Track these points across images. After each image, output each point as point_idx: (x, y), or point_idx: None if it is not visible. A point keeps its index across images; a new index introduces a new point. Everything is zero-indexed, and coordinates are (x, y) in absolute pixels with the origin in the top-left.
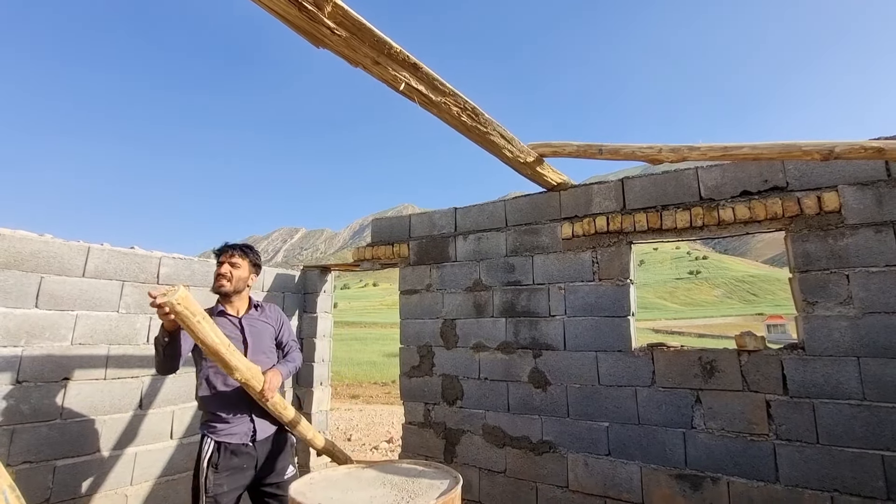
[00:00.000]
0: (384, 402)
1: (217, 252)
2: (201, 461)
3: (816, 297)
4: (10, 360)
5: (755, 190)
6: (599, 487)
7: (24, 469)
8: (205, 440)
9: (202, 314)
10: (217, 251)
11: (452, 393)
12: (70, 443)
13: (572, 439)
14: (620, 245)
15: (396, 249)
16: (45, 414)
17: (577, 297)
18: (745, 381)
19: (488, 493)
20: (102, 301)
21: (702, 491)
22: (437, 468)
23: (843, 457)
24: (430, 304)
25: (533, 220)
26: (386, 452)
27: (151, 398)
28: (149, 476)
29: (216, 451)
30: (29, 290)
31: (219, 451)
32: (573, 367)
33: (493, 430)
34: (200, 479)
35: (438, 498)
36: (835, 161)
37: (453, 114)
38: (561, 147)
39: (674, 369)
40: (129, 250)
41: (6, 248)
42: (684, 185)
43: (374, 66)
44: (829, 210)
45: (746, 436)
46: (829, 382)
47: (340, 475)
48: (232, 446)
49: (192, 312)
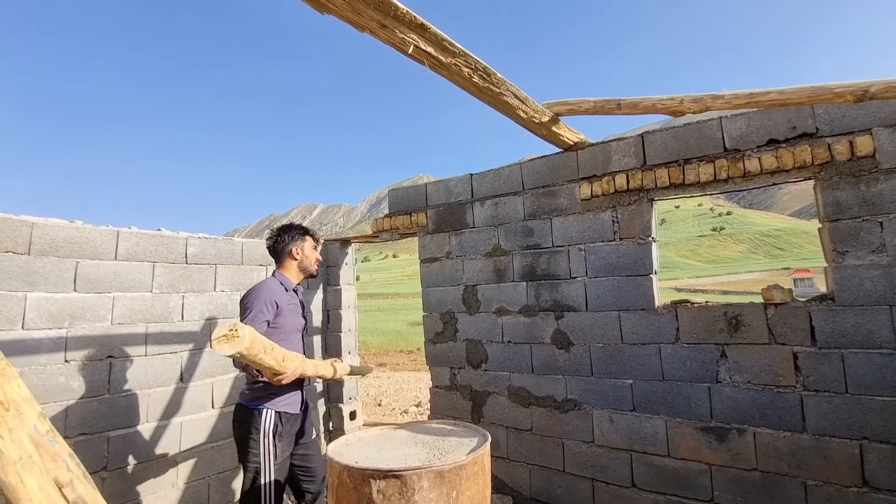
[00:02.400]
0: (411, 368)
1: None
2: (264, 432)
3: (847, 247)
4: (56, 341)
5: (783, 138)
6: (625, 441)
7: (81, 440)
8: (265, 412)
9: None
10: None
11: (476, 357)
12: (119, 415)
13: (597, 397)
14: (641, 203)
15: (414, 218)
16: (94, 390)
17: (597, 258)
18: (771, 334)
19: (516, 449)
20: (136, 282)
21: (728, 442)
22: (465, 427)
23: (873, 405)
24: (450, 272)
25: (550, 181)
26: (415, 415)
27: (191, 372)
28: (195, 443)
29: (278, 421)
30: (66, 274)
31: (280, 421)
32: (596, 328)
33: (518, 391)
34: (264, 448)
35: (469, 454)
36: (869, 102)
37: (464, 75)
38: (577, 104)
39: (698, 325)
40: (157, 232)
41: (40, 235)
42: (707, 136)
43: (381, 30)
44: (862, 155)
45: (773, 388)
46: (860, 332)
47: (373, 436)
48: (289, 416)
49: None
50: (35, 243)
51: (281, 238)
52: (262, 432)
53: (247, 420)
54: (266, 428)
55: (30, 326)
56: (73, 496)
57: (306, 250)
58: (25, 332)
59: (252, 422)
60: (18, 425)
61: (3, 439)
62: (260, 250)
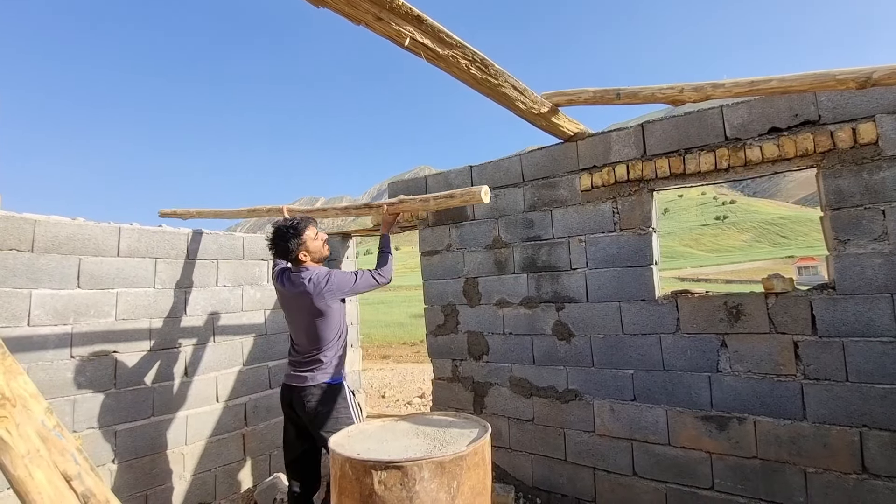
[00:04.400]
0: (414, 360)
1: (307, 228)
2: (349, 398)
3: (849, 235)
4: (62, 337)
5: (784, 126)
6: (626, 431)
7: (89, 434)
8: (344, 385)
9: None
10: (305, 228)
11: (478, 348)
12: (126, 409)
13: (598, 387)
14: (641, 193)
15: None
16: (100, 384)
17: (598, 249)
18: (772, 324)
19: (518, 439)
20: (139, 278)
21: (728, 430)
22: (466, 418)
23: (873, 393)
24: (451, 264)
25: (550, 173)
26: (419, 406)
27: (195, 366)
28: (201, 436)
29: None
30: (69, 271)
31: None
32: (596, 318)
33: (519, 382)
34: (354, 409)
35: (469, 445)
36: (872, 89)
37: (462, 67)
38: (576, 95)
39: (699, 315)
40: (158, 228)
41: (43, 233)
42: (708, 125)
43: (377, 23)
44: (865, 142)
45: (773, 377)
46: (861, 321)
47: (375, 428)
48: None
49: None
50: (38, 241)
51: (286, 249)
52: (348, 398)
53: (335, 393)
54: (348, 394)
55: (35, 323)
56: (81, 489)
57: (310, 246)
58: (31, 328)
59: (340, 393)
60: (26, 420)
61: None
62: (261, 245)
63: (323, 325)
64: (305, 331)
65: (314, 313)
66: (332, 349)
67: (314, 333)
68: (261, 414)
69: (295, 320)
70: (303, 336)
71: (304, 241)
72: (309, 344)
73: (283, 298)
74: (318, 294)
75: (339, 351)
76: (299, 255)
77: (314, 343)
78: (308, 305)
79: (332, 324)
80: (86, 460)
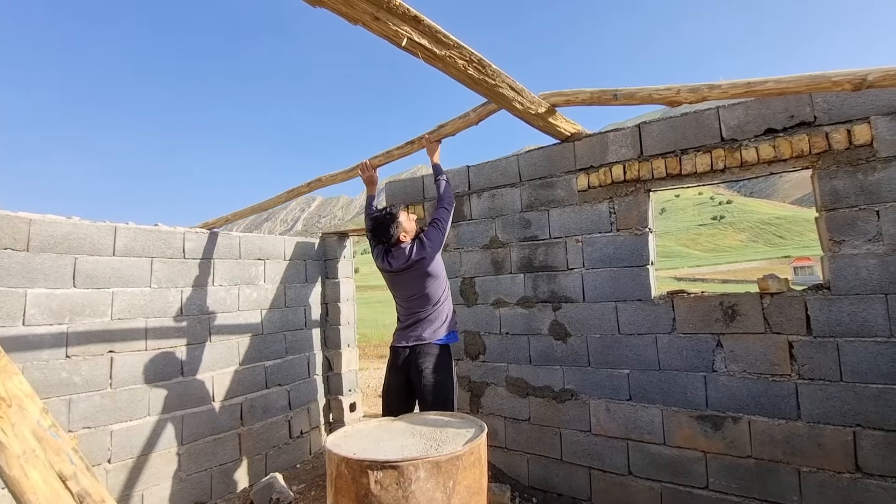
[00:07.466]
0: None
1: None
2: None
3: (844, 236)
4: (57, 336)
5: (780, 127)
6: (621, 430)
7: (84, 433)
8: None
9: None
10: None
11: (475, 348)
12: (122, 409)
13: (594, 387)
14: (638, 193)
15: (411, 211)
16: (96, 384)
17: (594, 249)
18: (767, 324)
19: (514, 439)
20: (135, 278)
21: (723, 430)
22: (462, 418)
23: (867, 393)
24: (448, 264)
25: (547, 173)
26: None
27: (191, 366)
28: (197, 436)
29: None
30: (65, 270)
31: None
32: (593, 318)
33: (515, 382)
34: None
35: (465, 445)
36: (867, 91)
37: (459, 67)
38: (573, 95)
39: (694, 315)
40: (154, 228)
41: (38, 232)
42: (704, 126)
43: (374, 23)
44: (860, 144)
45: (768, 376)
46: (855, 321)
47: (371, 428)
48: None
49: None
50: (33, 240)
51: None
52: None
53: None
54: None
55: (31, 322)
56: (76, 489)
57: (406, 227)
58: (26, 327)
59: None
60: (21, 420)
61: (7, 434)
62: (257, 244)
63: (435, 286)
64: (419, 295)
65: (426, 276)
66: (445, 304)
67: (428, 295)
68: (257, 413)
69: (408, 288)
70: (415, 302)
71: (401, 223)
72: (423, 304)
73: (391, 276)
74: (431, 256)
75: (451, 306)
76: (400, 237)
77: (429, 302)
78: (422, 272)
79: (442, 282)
80: (81, 460)
